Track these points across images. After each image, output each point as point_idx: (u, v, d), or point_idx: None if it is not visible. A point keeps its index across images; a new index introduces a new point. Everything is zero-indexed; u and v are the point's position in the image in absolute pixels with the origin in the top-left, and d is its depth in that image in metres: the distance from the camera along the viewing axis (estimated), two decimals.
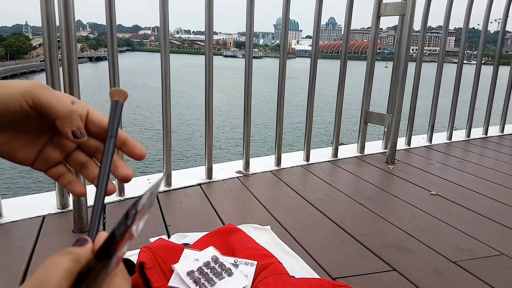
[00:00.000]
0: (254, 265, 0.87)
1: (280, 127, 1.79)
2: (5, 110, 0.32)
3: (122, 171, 0.35)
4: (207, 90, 1.52)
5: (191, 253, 0.91)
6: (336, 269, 0.97)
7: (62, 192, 1.26)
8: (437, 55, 2.45)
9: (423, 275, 0.96)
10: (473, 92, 2.53)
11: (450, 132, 2.47)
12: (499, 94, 2.66)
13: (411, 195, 1.52)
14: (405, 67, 1.92)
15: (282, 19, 1.72)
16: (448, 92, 2.46)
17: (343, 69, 1.94)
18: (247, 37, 1.62)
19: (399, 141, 2.03)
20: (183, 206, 1.34)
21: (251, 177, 1.66)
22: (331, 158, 1.97)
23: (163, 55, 1.40)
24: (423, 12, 2.12)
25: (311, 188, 1.56)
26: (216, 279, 0.83)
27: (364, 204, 1.41)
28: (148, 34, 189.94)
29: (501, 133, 2.72)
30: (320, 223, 1.25)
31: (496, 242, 1.14)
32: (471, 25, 2.41)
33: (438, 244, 1.12)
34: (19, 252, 1.02)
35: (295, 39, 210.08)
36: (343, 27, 2.00)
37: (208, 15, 1.46)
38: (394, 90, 1.99)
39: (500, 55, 2.63)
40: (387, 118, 1.98)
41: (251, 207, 1.37)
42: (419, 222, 1.27)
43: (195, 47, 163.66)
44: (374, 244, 1.11)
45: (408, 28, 1.85)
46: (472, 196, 1.54)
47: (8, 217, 1.20)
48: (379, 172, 1.83)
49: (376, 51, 2.07)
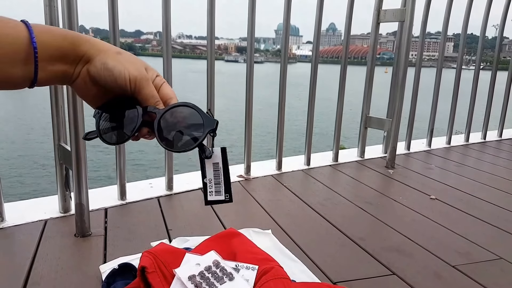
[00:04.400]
0: (255, 270, 0.88)
1: (281, 131, 1.80)
2: (112, 79, 0.42)
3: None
4: (209, 94, 1.54)
5: (193, 258, 0.91)
6: (336, 273, 0.98)
7: (64, 196, 1.27)
8: (436, 60, 2.47)
9: (423, 279, 0.97)
10: (471, 97, 2.55)
11: (449, 137, 2.49)
12: (498, 99, 2.68)
13: (410, 199, 1.53)
14: (405, 72, 1.94)
15: (283, 25, 1.74)
16: (448, 97, 2.47)
17: (343, 74, 1.95)
18: (249, 42, 1.64)
19: (399, 145, 2.05)
20: (184, 210, 1.35)
21: (252, 181, 1.67)
22: (331, 163, 1.98)
23: (165, 60, 1.42)
24: (422, 18, 2.14)
25: (311, 192, 1.57)
26: (217, 283, 0.83)
27: (364, 208, 1.42)
28: (150, 39, 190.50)
29: (499, 138, 2.73)
30: (321, 227, 1.26)
31: (495, 246, 1.15)
32: (469, 31, 2.43)
33: (438, 248, 1.13)
34: (21, 255, 1.03)
35: (296, 44, 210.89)
36: (343, 32, 2.02)
37: (210, 20, 1.48)
38: (393, 95, 2.01)
39: (498, 60, 2.65)
40: (387, 123, 2.00)
41: (252, 211, 1.38)
42: (419, 226, 1.28)
43: (197, 52, 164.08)
44: (374, 248, 1.11)
45: (407, 34, 1.87)
46: (471, 200, 1.55)
47: (11, 221, 1.21)
48: (379, 176, 1.84)
49: (376, 57, 2.08)
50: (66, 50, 0.41)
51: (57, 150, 1.25)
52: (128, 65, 0.42)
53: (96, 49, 0.42)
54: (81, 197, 1.14)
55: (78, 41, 0.42)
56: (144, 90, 0.43)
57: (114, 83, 0.42)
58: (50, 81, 0.41)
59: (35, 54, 0.38)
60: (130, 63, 0.43)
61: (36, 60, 0.38)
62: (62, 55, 0.40)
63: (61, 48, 0.40)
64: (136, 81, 0.42)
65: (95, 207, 1.28)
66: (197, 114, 0.41)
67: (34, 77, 0.39)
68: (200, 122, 0.40)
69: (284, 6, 1.69)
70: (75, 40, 0.41)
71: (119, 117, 0.44)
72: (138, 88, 0.42)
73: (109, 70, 0.41)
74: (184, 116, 0.42)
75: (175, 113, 0.42)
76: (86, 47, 0.42)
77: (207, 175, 0.43)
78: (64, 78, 0.42)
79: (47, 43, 0.39)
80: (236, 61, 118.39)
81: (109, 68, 0.41)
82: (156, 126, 0.41)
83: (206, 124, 0.40)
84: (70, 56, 0.41)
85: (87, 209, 1.16)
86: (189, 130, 0.41)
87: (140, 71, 0.43)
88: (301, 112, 13.53)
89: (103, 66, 0.41)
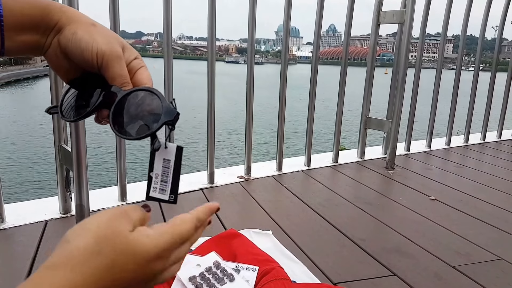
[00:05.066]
0: (255, 270, 0.88)
1: (282, 132, 1.80)
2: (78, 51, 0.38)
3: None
4: (209, 95, 1.54)
5: (193, 259, 0.91)
6: (336, 273, 0.98)
7: (64, 197, 1.27)
8: (435, 61, 2.47)
9: (423, 280, 0.97)
10: (471, 98, 2.55)
11: (449, 138, 2.49)
12: (498, 100, 2.68)
13: (410, 200, 1.53)
14: (404, 74, 1.95)
15: (284, 26, 1.75)
16: (447, 98, 2.48)
17: (343, 76, 1.96)
18: (249, 44, 1.64)
19: (399, 146, 2.05)
20: (185, 211, 1.34)
21: (253, 182, 1.68)
22: (331, 163, 1.99)
23: (166, 61, 1.42)
24: (422, 20, 2.15)
25: (312, 193, 1.57)
26: (218, 284, 0.84)
27: (364, 209, 1.43)
28: (151, 40, 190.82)
29: (498, 139, 2.74)
30: (321, 228, 1.26)
31: (494, 247, 1.15)
32: (469, 32, 2.44)
33: (438, 248, 1.13)
34: (22, 257, 1.03)
35: (296, 46, 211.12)
36: (343, 34, 2.02)
37: (211, 22, 1.48)
38: (393, 96, 2.02)
39: (497, 61, 2.65)
40: (387, 124, 2.00)
41: (253, 212, 1.38)
42: (419, 227, 1.28)
43: (198, 53, 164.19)
44: (374, 248, 1.12)
45: (407, 35, 1.87)
46: (471, 201, 1.55)
47: (11, 222, 1.21)
48: (379, 177, 1.84)
49: (375, 58, 2.09)
50: (35, 18, 0.38)
51: (57, 151, 1.25)
52: (99, 39, 0.38)
53: (69, 19, 0.39)
54: (82, 198, 1.15)
55: (50, 9, 0.38)
56: (112, 68, 0.38)
57: (80, 56, 0.38)
58: (21, 51, 0.39)
59: (0, 19, 0.35)
60: (102, 37, 0.38)
61: (1, 26, 0.36)
62: (32, 23, 0.37)
63: (30, 16, 0.37)
64: (104, 56, 0.37)
65: (95, 208, 1.28)
66: (158, 102, 0.37)
67: (2, 45, 0.37)
68: (160, 111, 0.37)
69: (285, 7, 1.70)
70: (46, 7, 0.38)
71: (84, 95, 0.41)
72: (105, 65, 0.38)
73: (78, 41, 0.38)
74: (145, 102, 0.38)
75: (136, 98, 0.38)
76: (58, 16, 0.38)
77: (154, 169, 0.39)
78: (36, 48, 0.39)
79: (14, 10, 0.36)
80: (237, 62, 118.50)
81: (77, 38, 0.38)
82: (112, 108, 0.38)
83: (165, 113, 0.37)
84: (41, 25, 0.38)
85: (88, 210, 1.16)
86: (146, 118, 0.37)
87: (111, 47, 0.38)
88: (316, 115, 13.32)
89: (72, 37, 0.38)
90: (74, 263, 0.27)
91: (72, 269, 0.27)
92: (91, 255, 0.28)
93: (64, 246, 0.29)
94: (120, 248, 0.29)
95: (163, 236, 0.32)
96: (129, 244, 0.30)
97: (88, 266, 0.28)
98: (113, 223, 0.30)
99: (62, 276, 0.27)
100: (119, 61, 0.38)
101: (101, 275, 0.28)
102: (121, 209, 0.32)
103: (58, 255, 0.28)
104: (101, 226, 0.30)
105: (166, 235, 0.32)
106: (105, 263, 0.28)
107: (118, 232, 0.30)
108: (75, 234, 0.30)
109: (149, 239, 0.31)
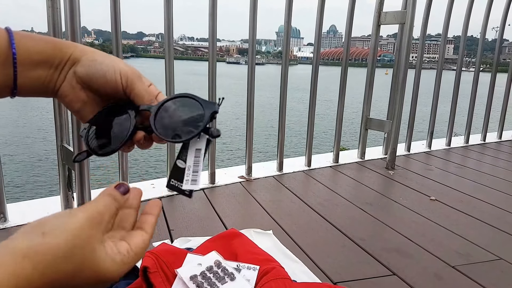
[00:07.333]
0: (256, 270, 0.88)
1: (282, 133, 1.81)
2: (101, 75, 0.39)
3: None
4: (210, 96, 1.55)
5: (194, 258, 0.92)
6: (337, 273, 0.99)
7: (66, 196, 1.28)
8: (436, 62, 2.48)
9: (423, 280, 0.97)
10: (471, 99, 2.56)
11: (449, 138, 2.49)
12: (498, 101, 2.69)
13: (411, 201, 1.53)
14: (405, 74, 1.95)
15: (284, 27, 1.75)
16: (448, 98, 2.48)
17: (343, 76, 1.96)
18: (250, 44, 1.65)
19: (399, 147, 2.05)
20: (186, 210, 1.36)
21: (254, 182, 1.68)
22: (332, 164, 1.99)
23: (167, 61, 1.43)
24: (422, 21, 2.15)
25: (312, 193, 1.58)
26: (218, 283, 0.84)
27: (364, 209, 1.43)
28: (152, 40, 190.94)
29: (499, 139, 2.74)
30: (321, 228, 1.26)
31: (494, 247, 1.16)
32: (470, 33, 2.44)
33: (438, 249, 1.13)
34: None
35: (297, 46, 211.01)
36: (344, 34, 2.03)
37: (212, 23, 1.49)
38: (394, 97, 2.02)
39: (498, 62, 2.65)
40: (387, 125, 2.00)
41: (254, 212, 1.39)
42: (419, 227, 1.29)
43: (199, 53, 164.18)
44: (375, 248, 1.12)
45: (407, 36, 1.88)
46: (471, 201, 1.56)
47: (13, 221, 1.22)
48: (380, 177, 1.85)
49: (376, 59, 2.09)
50: (49, 54, 0.39)
51: (59, 151, 1.26)
52: (118, 62, 0.40)
53: (82, 51, 0.40)
54: (84, 198, 1.15)
55: (63, 45, 0.40)
56: (137, 86, 0.39)
57: (103, 79, 0.39)
58: (34, 88, 0.39)
59: (13, 57, 0.36)
60: (120, 61, 0.40)
61: (15, 63, 0.37)
62: (44, 58, 0.38)
63: (43, 52, 0.38)
64: (128, 76, 0.39)
65: None
66: (193, 101, 0.39)
67: (14, 83, 0.37)
68: (200, 107, 0.38)
69: (285, 8, 1.70)
70: (58, 44, 0.39)
71: (109, 126, 0.40)
72: (130, 84, 0.39)
73: (98, 65, 0.39)
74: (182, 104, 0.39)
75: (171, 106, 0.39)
76: (71, 49, 0.40)
77: (187, 161, 0.39)
78: (48, 83, 0.40)
79: (28, 47, 0.37)
80: (238, 62, 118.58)
81: (97, 63, 0.39)
82: (152, 120, 0.38)
83: (206, 107, 0.38)
84: (55, 59, 0.39)
85: None
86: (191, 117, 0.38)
87: (132, 68, 0.40)
88: (320, 116, 13.26)
89: (92, 63, 0.39)
90: (39, 260, 0.27)
91: (35, 266, 0.27)
92: (59, 258, 0.28)
93: (37, 234, 0.28)
94: (88, 263, 0.30)
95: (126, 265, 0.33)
96: (94, 261, 0.30)
97: (51, 270, 0.28)
98: (89, 232, 0.30)
99: (23, 269, 0.27)
100: (141, 80, 0.40)
101: (60, 281, 0.28)
102: (98, 211, 0.32)
103: (30, 241, 0.28)
104: (76, 231, 0.29)
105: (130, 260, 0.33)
106: (69, 271, 0.29)
107: (90, 244, 0.30)
108: (52, 228, 0.29)
109: (114, 266, 0.32)
